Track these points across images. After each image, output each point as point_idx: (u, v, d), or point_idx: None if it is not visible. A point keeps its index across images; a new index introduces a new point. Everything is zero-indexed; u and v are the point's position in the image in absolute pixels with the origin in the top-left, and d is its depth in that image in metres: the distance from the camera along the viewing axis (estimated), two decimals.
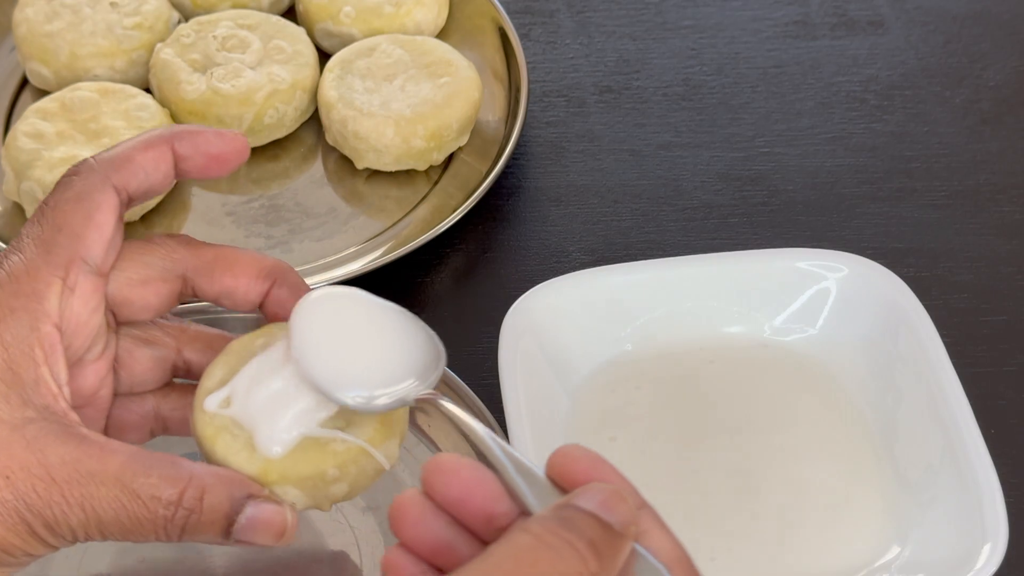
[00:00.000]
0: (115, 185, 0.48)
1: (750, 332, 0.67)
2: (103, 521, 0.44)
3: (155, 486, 0.44)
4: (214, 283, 0.50)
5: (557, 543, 0.39)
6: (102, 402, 0.49)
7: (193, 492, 0.44)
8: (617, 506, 0.40)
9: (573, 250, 0.74)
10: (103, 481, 0.44)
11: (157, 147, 0.49)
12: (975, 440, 0.59)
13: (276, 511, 0.45)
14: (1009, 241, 0.75)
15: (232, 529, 0.45)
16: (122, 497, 0.44)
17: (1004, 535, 0.56)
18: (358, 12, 0.80)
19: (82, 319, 0.47)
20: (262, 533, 0.45)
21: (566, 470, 0.42)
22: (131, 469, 0.44)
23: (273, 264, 0.50)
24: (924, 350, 0.63)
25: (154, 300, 0.49)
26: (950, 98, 0.82)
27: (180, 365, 0.51)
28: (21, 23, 0.79)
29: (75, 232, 0.47)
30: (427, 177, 0.77)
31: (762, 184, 0.78)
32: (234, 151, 0.50)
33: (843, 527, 0.60)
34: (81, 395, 0.48)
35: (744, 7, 0.88)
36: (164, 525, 0.44)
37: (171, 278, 0.49)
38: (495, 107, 0.79)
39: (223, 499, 0.45)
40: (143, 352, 0.50)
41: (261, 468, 0.45)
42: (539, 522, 0.39)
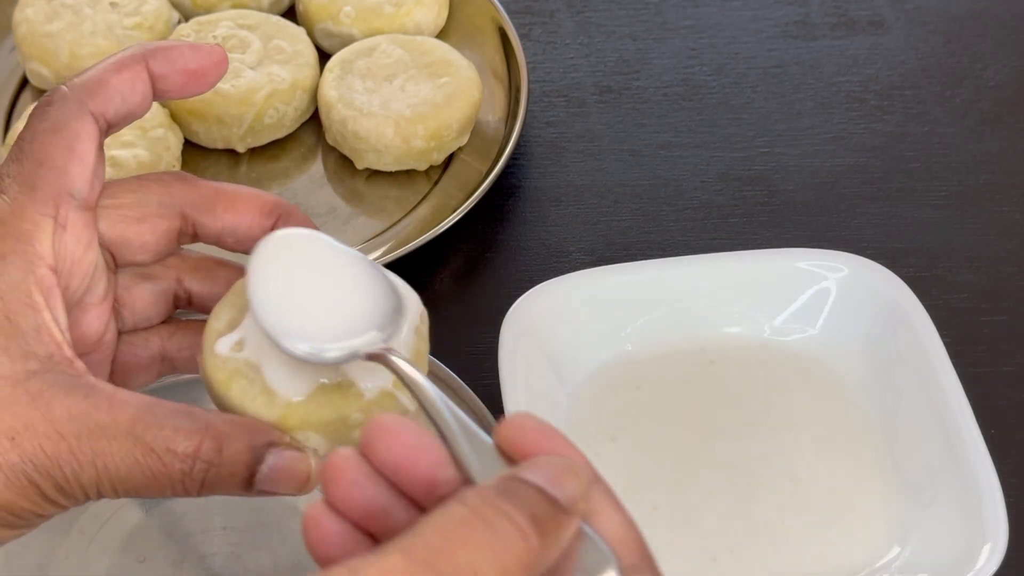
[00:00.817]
0: (92, 112, 0.45)
1: (750, 332, 0.67)
2: (116, 478, 0.42)
3: (170, 439, 0.41)
4: (216, 219, 0.47)
5: (494, 517, 0.35)
6: (107, 347, 0.47)
7: (211, 444, 0.42)
8: (566, 480, 0.36)
9: (573, 250, 0.74)
10: (114, 435, 0.41)
11: (131, 67, 0.46)
12: (975, 440, 0.59)
13: (299, 458, 0.43)
14: (1009, 241, 0.75)
15: (254, 480, 0.43)
16: (135, 452, 0.41)
17: (1004, 535, 0.56)
18: (358, 12, 0.80)
19: (76, 257, 0.45)
20: (285, 482, 0.43)
21: (515, 440, 0.38)
22: (143, 421, 0.42)
23: (277, 200, 0.48)
24: (924, 350, 0.63)
25: (151, 239, 0.47)
26: (950, 98, 0.82)
27: (181, 295, 0.49)
28: (21, 23, 0.79)
29: (57, 165, 0.44)
30: (427, 177, 0.77)
31: (762, 184, 0.78)
32: (212, 64, 0.47)
33: (843, 527, 0.60)
34: (86, 341, 0.46)
35: (744, 7, 0.88)
36: (182, 480, 0.42)
37: (169, 215, 0.47)
38: (495, 107, 0.79)
39: (243, 449, 0.42)
40: (142, 287, 0.48)
41: (281, 414, 0.43)
42: (478, 493, 0.36)
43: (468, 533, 0.34)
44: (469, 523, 0.34)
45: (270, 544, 0.60)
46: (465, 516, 0.35)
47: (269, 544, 0.60)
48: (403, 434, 0.38)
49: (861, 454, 0.63)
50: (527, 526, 0.35)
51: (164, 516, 0.61)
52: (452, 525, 0.34)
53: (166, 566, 0.59)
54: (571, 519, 0.36)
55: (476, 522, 0.35)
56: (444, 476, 0.38)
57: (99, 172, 0.46)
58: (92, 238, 0.45)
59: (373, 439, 0.38)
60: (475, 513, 0.35)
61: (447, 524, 0.34)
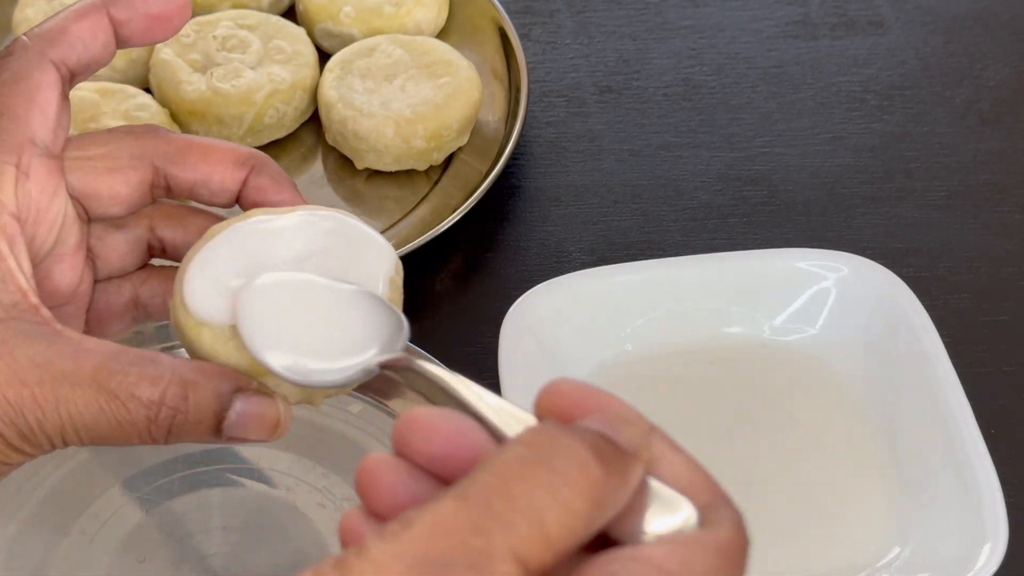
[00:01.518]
0: (53, 60, 0.45)
1: (750, 332, 0.67)
2: (80, 425, 0.41)
3: (133, 385, 0.41)
4: (188, 170, 0.47)
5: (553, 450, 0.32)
6: (82, 298, 0.47)
7: (176, 390, 0.41)
8: (623, 429, 0.34)
9: (573, 250, 0.74)
10: (78, 382, 0.41)
11: (91, 15, 0.46)
12: (975, 440, 0.59)
13: (268, 403, 0.42)
14: (1009, 241, 0.75)
15: (223, 426, 0.42)
16: (99, 399, 0.41)
17: (1004, 535, 0.56)
18: (358, 12, 0.80)
19: (42, 205, 0.44)
20: (255, 428, 0.42)
21: (558, 407, 0.35)
22: (107, 368, 0.41)
23: (250, 152, 0.48)
24: (924, 350, 0.63)
25: (123, 190, 0.47)
26: (950, 98, 0.82)
27: (155, 244, 0.49)
28: (21, 23, 0.79)
29: (18, 115, 0.44)
30: (427, 177, 0.77)
31: (762, 184, 0.78)
32: (176, 8, 0.47)
33: (843, 527, 0.60)
34: (60, 293, 0.46)
35: (744, 7, 0.88)
36: (147, 427, 0.41)
37: (140, 165, 0.47)
38: (495, 107, 0.79)
39: (209, 395, 0.42)
40: (115, 236, 0.48)
41: (252, 359, 0.42)
42: (534, 430, 0.33)
43: (526, 470, 0.32)
44: (527, 460, 0.32)
45: (270, 544, 0.60)
46: (522, 454, 0.32)
47: (269, 544, 0.60)
48: (440, 424, 0.36)
49: (861, 454, 0.63)
50: (589, 458, 0.32)
51: (164, 516, 0.61)
52: (508, 464, 0.32)
53: (166, 566, 0.59)
54: (635, 462, 0.34)
55: (534, 458, 0.32)
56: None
57: (63, 121, 0.46)
58: (58, 187, 0.45)
59: (407, 434, 0.36)
60: (533, 449, 0.32)
61: (503, 464, 0.32)
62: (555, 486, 0.32)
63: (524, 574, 0.31)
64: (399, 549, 0.31)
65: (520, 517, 0.31)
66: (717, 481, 0.36)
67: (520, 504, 0.31)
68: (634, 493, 0.33)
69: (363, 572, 0.31)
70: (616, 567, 0.32)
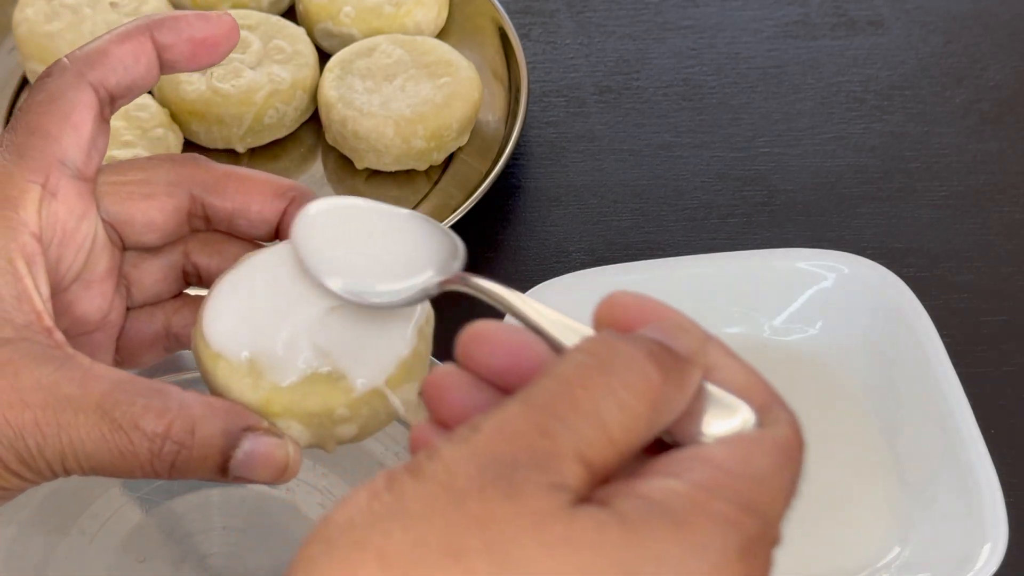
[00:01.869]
0: (91, 82, 0.44)
1: (750, 332, 0.67)
2: (82, 454, 0.40)
3: (139, 416, 0.40)
4: (227, 200, 0.46)
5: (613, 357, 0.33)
6: (112, 326, 0.46)
7: (182, 424, 0.40)
8: (679, 335, 0.35)
9: (573, 250, 0.74)
10: (81, 408, 0.40)
11: (135, 38, 0.45)
12: (975, 440, 0.59)
13: (277, 444, 0.42)
14: (1009, 241, 0.75)
15: (229, 465, 0.41)
16: (103, 427, 0.40)
17: (1004, 535, 0.56)
18: (358, 12, 0.80)
19: (69, 228, 0.44)
20: (262, 469, 0.41)
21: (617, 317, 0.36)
22: (113, 397, 0.40)
23: (291, 184, 0.47)
24: (924, 350, 0.63)
25: (159, 217, 0.46)
26: (950, 98, 0.82)
27: (190, 270, 0.48)
28: (21, 23, 0.79)
29: (49, 134, 0.43)
30: (427, 177, 0.77)
31: (762, 184, 0.78)
32: (223, 33, 0.45)
33: (844, 527, 0.60)
34: (88, 320, 0.45)
35: (744, 7, 0.88)
36: (150, 460, 0.40)
37: (177, 193, 0.46)
38: (495, 107, 0.79)
39: (216, 432, 0.41)
40: (150, 262, 0.47)
41: (264, 397, 0.42)
42: (593, 339, 0.34)
43: (587, 375, 0.33)
44: (587, 366, 0.33)
45: (270, 544, 0.60)
46: (583, 361, 0.33)
47: (269, 544, 0.60)
48: (502, 336, 0.37)
49: (861, 454, 0.63)
50: (648, 363, 0.33)
51: (164, 516, 0.61)
52: (570, 371, 0.33)
53: (166, 566, 0.59)
54: (693, 367, 0.35)
55: (595, 364, 0.33)
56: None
57: (98, 144, 0.45)
58: (87, 209, 0.44)
59: (472, 347, 0.37)
60: (593, 356, 0.33)
61: (565, 370, 0.33)
62: (615, 390, 0.33)
63: (588, 473, 0.32)
64: (469, 451, 0.32)
65: (583, 420, 0.32)
66: (772, 385, 0.37)
67: (583, 407, 0.32)
68: (692, 398, 0.35)
69: (435, 473, 0.31)
70: (677, 467, 0.33)
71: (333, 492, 0.61)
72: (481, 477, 0.31)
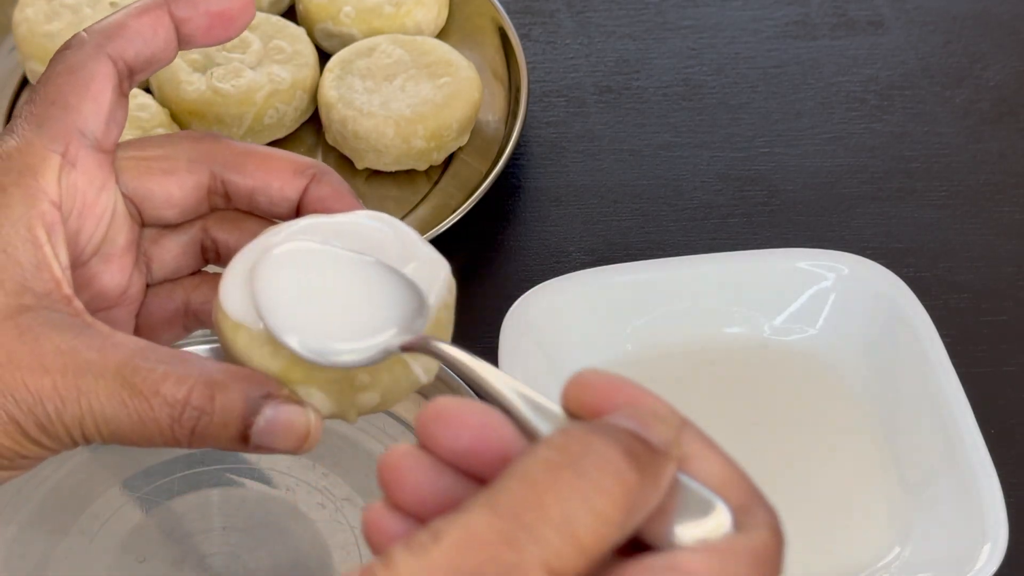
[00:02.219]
0: (110, 54, 0.44)
1: (750, 332, 0.67)
2: (101, 419, 0.40)
3: (159, 382, 0.40)
4: (247, 177, 0.46)
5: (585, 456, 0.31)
6: (131, 302, 0.46)
7: (203, 390, 0.40)
8: (654, 425, 0.32)
9: (573, 250, 0.74)
10: (102, 374, 0.40)
11: (152, 12, 0.45)
12: (975, 440, 0.59)
13: (298, 412, 0.41)
14: (1009, 241, 0.75)
15: (250, 433, 0.41)
16: (122, 393, 0.40)
17: (1004, 535, 0.56)
18: (358, 12, 0.80)
19: (88, 198, 0.44)
20: (283, 437, 0.41)
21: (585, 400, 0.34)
22: (133, 363, 0.40)
23: (311, 161, 0.47)
24: (924, 350, 0.63)
25: (178, 192, 0.46)
26: (950, 98, 0.82)
27: (208, 246, 0.48)
28: (21, 23, 0.79)
29: (68, 104, 0.43)
30: (427, 177, 0.77)
31: (762, 184, 0.78)
32: (239, 7, 0.45)
33: (844, 528, 0.60)
34: (108, 295, 0.45)
35: (744, 7, 0.88)
36: (171, 427, 0.40)
37: (197, 169, 0.46)
38: (495, 107, 0.79)
39: (238, 399, 0.40)
40: (169, 238, 0.47)
41: (285, 365, 0.41)
42: (564, 432, 0.32)
43: (557, 476, 0.31)
44: (556, 466, 0.31)
45: (270, 544, 0.60)
46: (551, 459, 0.31)
47: (269, 544, 0.60)
48: (466, 416, 0.34)
49: (861, 454, 0.63)
50: (623, 463, 0.31)
51: (164, 516, 0.61)
52: (538, 470, 0.31)
53: (166, 566, 0.59)
54: (668, 461, 0.32)
55: (565, 464, 0.31)
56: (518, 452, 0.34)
57: (117, 116, 0.45)
58: (107, 181, 0.44)
59: (433, 428, 0.34)
60: (563, 454, 0.31)
61: (532, 471, 0.31)
62: (588, 494, 0.31)
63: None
64: (429, 564, 0.30)
65: (552, 529, 0.30)
66: (751, 480, 0.34)
67: (552, 514, 0.30)
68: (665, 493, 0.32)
69: None
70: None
71: (333, 492, 0.61)
72: None
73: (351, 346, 0.41)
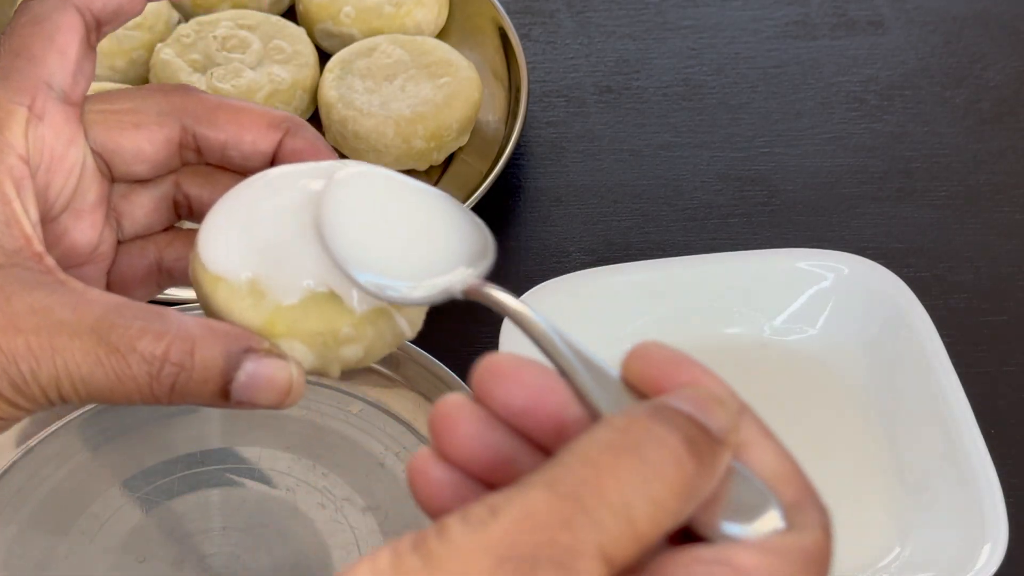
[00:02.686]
0: (76, 5, 0.43)
1: (750, 332, 0.67)
2: (77, 378, 0.39)
3: (135, 338, 0.39)
4: (219, 130, 0.45)
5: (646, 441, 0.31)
6: (103, 259, 0.46)
7: (181, 345, 0.39)
8: (714, 410, 0.32)
9: (573, 250, 0.74)
10: (77, 332, 0.39)
11: None
12: (975, 440, 0.59)
13: (280, 366, 0.40)
14: (1009, 241, 0.75)
15: (231, 388, 0.40)
16: (98, 350, 0.39)
17: (1004, 535, 0.56)
18: (358, 12, 0.80)
19: (57, 152, 0.43)
20: (265, 392, 0.40)
21: (645, 372, 0.34)
22: (109, 320, 0.39)
23: (285, 115, 0.46)
24: (924, 350, 0.63)
25: (148, 147, 0.45)
26: (950, 98, 0.82)
27: (181, 201, 0.47)
28: None
29: (34, 56, 0.42)
30: (427, 177, 0.77)
31: (762, 184, 0.78)
32: None
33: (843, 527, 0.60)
34: (79, 251, 0.44)
35: (744, 7, 0.88)
36: (149, 384, 0.39)
37: (168, 123, 0.45)
38: (495, 107, 0.79)
39: (216, 354, 0.39)
40: (140, 193, 0.46)
41: (267, 318, 0.40)
42: (626, 416, 0.31)
43: (617, 460, 0.30)
44: (618, 449, 0.30)
45: (270, 544, 0.60)
46: (613, 441, 0.31)
47: (269, 544, 0.60)
48: (523, 374, 0.34)
49: (861, 454, 0.63)
50: (683, 451, 0.31)
51: (164, 516, 0.61)
52: (599, 452, 0.30)
53: (166, 566, 0.59)
54: (725, 449, 0.32)
55: (626, 448, 0.31)
56: (571, 416, 0.34)
57: (84, 69, 0.44)
58: (75, 135, 0.44)
59: (489, 382, 0.34)
60: (625, 437, 0.31)
61: (593, 452, 0.31)
62: (647, 480, 0.30)
63: (608, 570, 0.30)
64: (486, 540, 0.29)
65: (610, 512, 0.30)
66: (806, 475, 0.34)
67: (610, 498, 0.30)
68: (719, 481, 0.32)
69: (447, 559, 0.29)
70: (699, 568, 0.31)
71: (333, 492, 0.61)
72: (497, 571, 0.29)
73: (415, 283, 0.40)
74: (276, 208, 0.42)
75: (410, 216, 0.41)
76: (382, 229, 0.41)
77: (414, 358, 0.65)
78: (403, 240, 0.41)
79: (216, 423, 0.64)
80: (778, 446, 0.34)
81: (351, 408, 0.64)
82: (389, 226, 0.41)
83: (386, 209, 0.41)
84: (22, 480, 0.62)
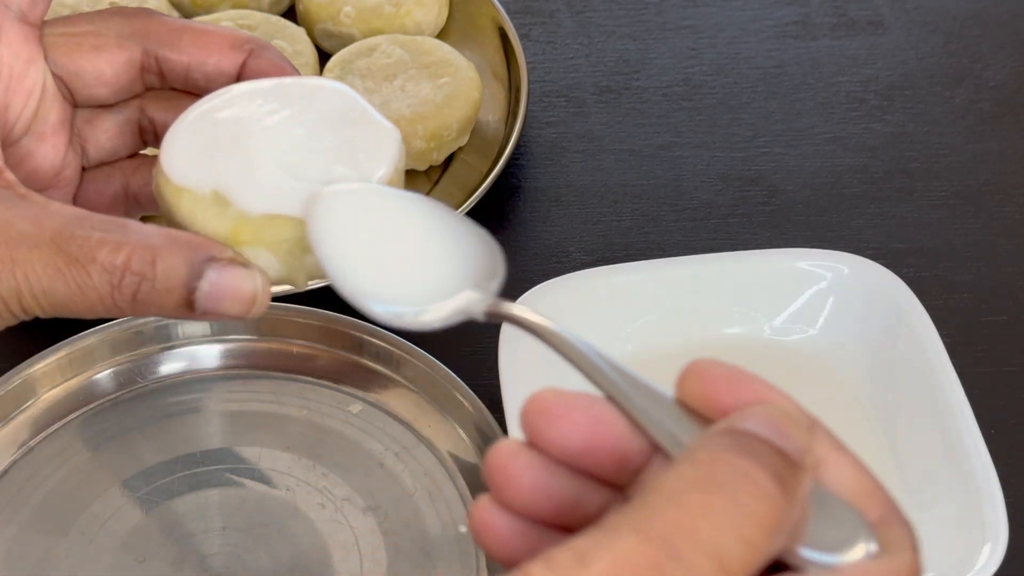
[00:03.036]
0: None
1: (750, 332, 0.67)
2: (39, 290, 0.39)
3: (95, 248, 0.38)
4: (181, 53, 0.44)
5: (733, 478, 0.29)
6: (67, 183, 0.45)
7: (142, 255, 0.38)
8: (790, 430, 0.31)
9: (573, 250, 0.74)
10: (36, 244, 0.38)
11: None
12: (975, 440, 0.59)
13: (244, 275, 0.39)
14: (1009, 241, 0.75)
15: (194, 298, 0.39)
16: (57, 260, 0.38)
17: (1004, 535, 0.56)
18: (358, 12, 0.80)
19: (15, 71, 0.42)
20: (230, 301, 0.39)
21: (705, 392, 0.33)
22: (69, 231, 0.39)
23: (248, 36, 0.45)
24: (924, 350, 0.63)
25: (108, 69, 0.44)
26: (950, 98, 0.82)
27: (147, 127, 0.47)
28: None
29: None
30: (427, 177, 0.77)
31: (762, 184, 0.78)
32: None
33: None
34: (41, 175, 0.44)
35: (744, 7, 0.88)
36: (111, 294, 0.39)
37: (129, 46, 0.44)
38: (495, 107, 0.79)
39: (178, 263, 0.39)
40: (104, 118, 0.46)
41: (232, 227, 0.40)
42: (708, 450, 0.30)
43: (706, 501, 0.29)
44: (705, 487, 0.29)
45: (270, 544, 0.60)
46: (699, 479, 0.29)
47: (269, 544, 0.60)
48: (574, 412, 0.33)
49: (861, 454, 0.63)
50: (771, 486, 0.29)
51: (164, 516, 0.61)
52: (686, 492, 0.29)
53: (166, 566, 0.59)
54: (805, 474, 0.30)
55: (713, 486, 0.29)
56: (633, 448, 0.33)
57: None
58: (34, 55, 0.43)
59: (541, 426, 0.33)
60: (710, 474, 0.30)
61: (680, 491, 0.29)
62: (737, 520, 0.29)
63: None
64: None
65: (703, 556, 0.29)
66: (887, 490, 0.32)
67: (702, 541, 0.29)
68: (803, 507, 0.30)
69: None
70: None
71: (333, 492, 0.61)
72: None
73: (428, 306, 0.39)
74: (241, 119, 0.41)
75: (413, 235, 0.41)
76: (388, 255, 0.40)
77: (414, 358, 0.64)
78: (412, 264, 0.40)
79: (216, 423, 0.64)
80: (854, 460, 0.32)
81: (351, 408, 0.64)
82: (394, 250, 0.40)
83: (385, 230, 0.40)
84: (22, 480, 0.62)
